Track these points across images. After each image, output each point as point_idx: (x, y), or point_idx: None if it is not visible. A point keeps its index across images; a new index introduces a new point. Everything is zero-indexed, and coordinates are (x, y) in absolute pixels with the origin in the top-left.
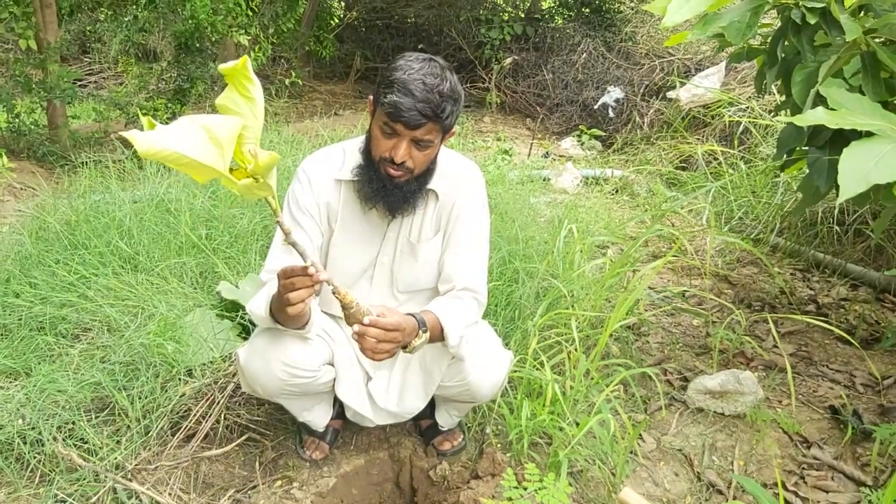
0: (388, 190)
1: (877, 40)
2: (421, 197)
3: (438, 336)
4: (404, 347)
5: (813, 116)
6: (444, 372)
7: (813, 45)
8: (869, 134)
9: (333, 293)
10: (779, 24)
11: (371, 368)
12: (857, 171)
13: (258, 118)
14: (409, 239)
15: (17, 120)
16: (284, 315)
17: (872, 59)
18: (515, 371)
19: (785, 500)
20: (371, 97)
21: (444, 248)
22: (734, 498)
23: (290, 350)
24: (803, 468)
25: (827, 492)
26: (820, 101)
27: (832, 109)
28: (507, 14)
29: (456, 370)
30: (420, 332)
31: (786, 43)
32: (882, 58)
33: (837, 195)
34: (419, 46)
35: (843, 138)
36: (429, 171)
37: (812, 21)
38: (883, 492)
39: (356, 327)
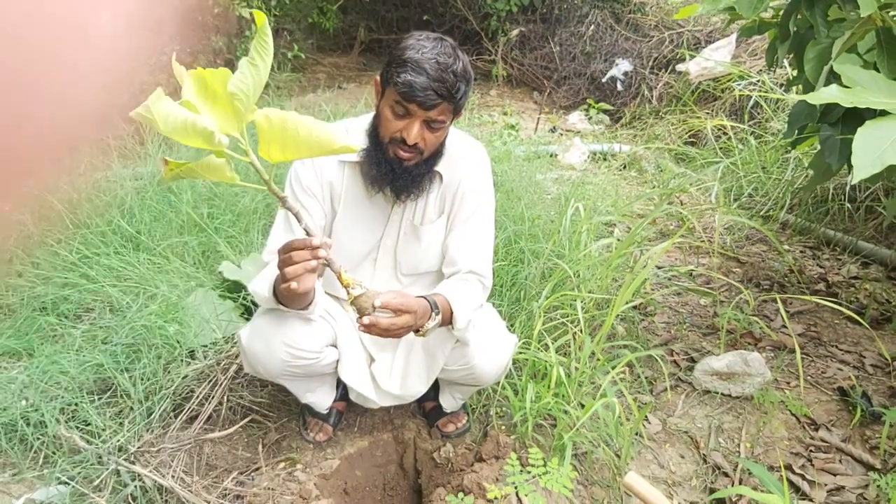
0: (397, 174)
1: (892, 16)
2: (428, 180)
3: (448, 319)
4: (416, 331)
5: (826, 94)
6: (448, 355)
7: (826, 19)
8: (884, 112)
9: (337, 276)
10: None
11: (374, 350)
12: (871, 151)
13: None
14: (412, 221)
15: None
16: (288, 296)
17: (888, 35)
18: (520, 353)
19: (791, 482)
20: (378, 77)
21: (448, 231)
22: (740, 480)
23: (292, 331)
24: (811, 450)
25: (834, 475)
26: (833, 77)
27: (846, 87)
28: None
29: (460, 354)
30: (433, 314)
31: (798, 16)
32: None
33: (849, 173)
34: (424, 17)
35: (856, 115)
36: (438, 153)
37: None
38: (893, 476)
39: (365, 319)
